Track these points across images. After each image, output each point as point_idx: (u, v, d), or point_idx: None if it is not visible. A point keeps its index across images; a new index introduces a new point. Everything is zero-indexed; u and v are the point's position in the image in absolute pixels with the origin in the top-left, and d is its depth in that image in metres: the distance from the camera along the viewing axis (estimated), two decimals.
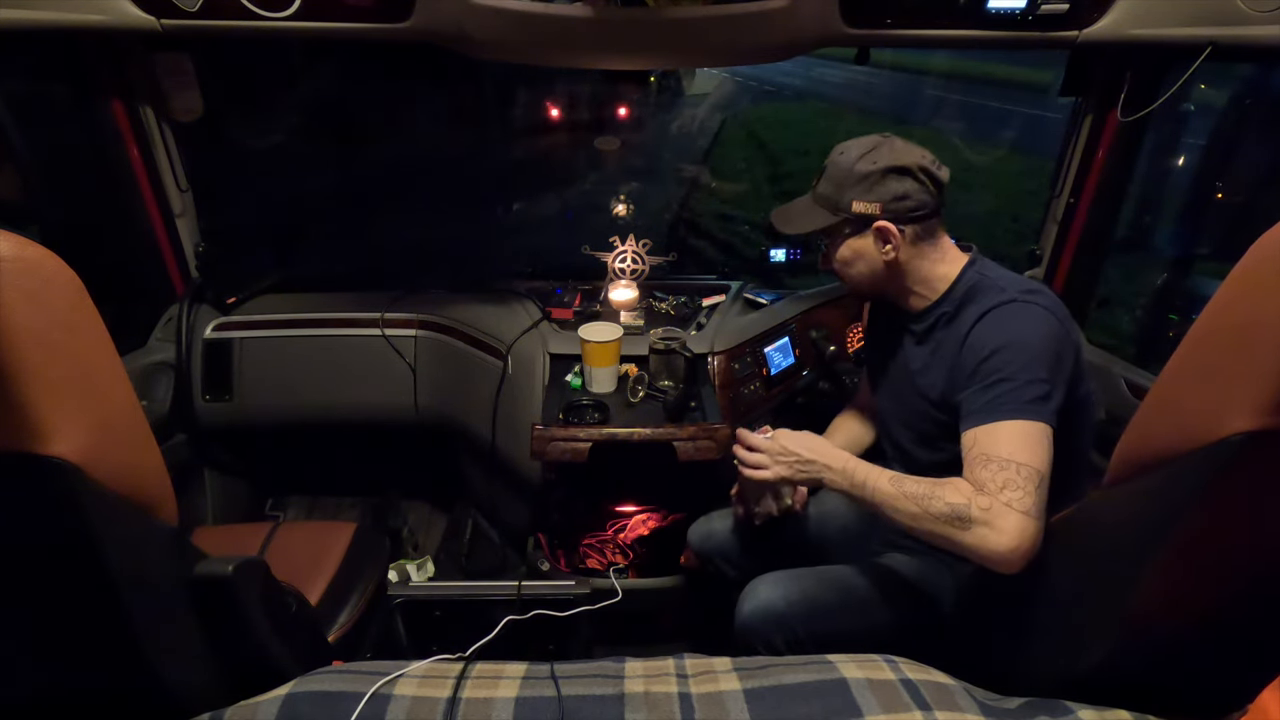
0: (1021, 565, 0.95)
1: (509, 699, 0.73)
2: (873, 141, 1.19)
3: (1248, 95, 1.89)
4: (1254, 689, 0.63)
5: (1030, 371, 1.03)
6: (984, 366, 1.07)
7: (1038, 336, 1.06)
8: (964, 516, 0.97)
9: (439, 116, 3.97)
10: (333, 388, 1.92)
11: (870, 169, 1.16)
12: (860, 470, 1.12)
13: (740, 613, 1.25)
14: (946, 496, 1.00)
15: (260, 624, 0.89)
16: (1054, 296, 1.14)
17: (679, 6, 1.32)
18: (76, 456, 0.62)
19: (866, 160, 1.16)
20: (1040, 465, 0.98)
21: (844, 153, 1.20)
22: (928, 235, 1.19)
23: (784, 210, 1.30)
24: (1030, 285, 1.15)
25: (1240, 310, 0.64)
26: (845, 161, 1.19)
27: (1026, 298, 1.11)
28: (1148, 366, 1.63)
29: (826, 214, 1.21)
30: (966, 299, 1.17)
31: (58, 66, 1.59)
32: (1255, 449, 0.62)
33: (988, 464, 0.99)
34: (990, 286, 1.15)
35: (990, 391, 1.05)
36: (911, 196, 1.15)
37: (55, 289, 0.61)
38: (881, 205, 1.16)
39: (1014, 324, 1.08)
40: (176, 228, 1.81)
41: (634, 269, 1.87)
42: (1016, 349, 1.05)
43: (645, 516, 1.75)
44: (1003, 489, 0.96)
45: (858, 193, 1.17)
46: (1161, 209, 2.41)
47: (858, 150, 1.19)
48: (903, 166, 1.15)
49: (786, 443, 1.19)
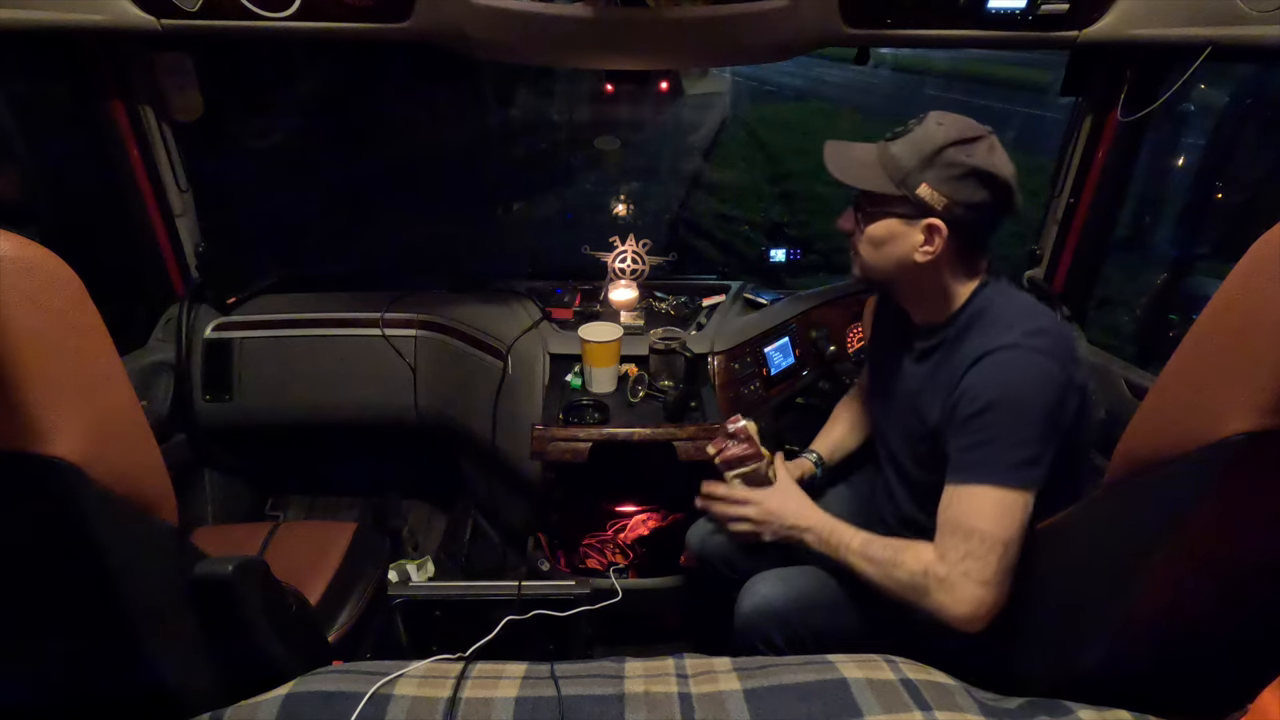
0: (982, 627, 0.99)
1: (509, 699, 0.73)
2: (975, 130, 1.05)
3: (1248, 95, 1.90)
4: (1254, 689, 0.63)
5: (1019, 433, 0.99)
6: (974, 422, 1.02)
7: (1034, 393, 0.99)
8: (922, 586, 1.03)
9: (439, 116, 3.97)
10: (333, 388, 1.92)
11: (959, 159, 1.02)
12: (835, 534, 1.16)
13: (740, 610, 1.25)
14: (908, 564, 1.05)
15: (260, 624, 0.89)
16: (1060, 332, 1.06)
17: (679, 6, 1.32)
18: (76, 456, 0.62)
19: (960, 149, 1.03)
20: (1008, 534, 0.98)
21: (941, 124, 1.05)
22: (970, 255, 1.10)
23: (843, 149, 1.14)
24: (1037, 322, 1.05)
25: (1241, 310, 0.64)
26: (936, 136, 1.04)
27: (1029, 341, 1.02)
28: (1148, 366, 1.62)
29: (887, 180, 1.07)
30: (970, 325, 1.10)
31: (58, 66, 1.59)
32: (1256, 449, 0.62)
33: (954, 532, 1.01)
34: (997, 319, 1.07)
35: (976, 452, 1.01)
36: (984, 211, 1.05)
37: (55, 289, 0.61)
38: (949, 203, 1.04)
39: (1011, 376, 1.01)
40: (176, 228, 1.81)
41: (634, 269, 1.87)
42: (1008, 408, 1.00)
43: (645, 516, 1.75)
44: (963, 559, 0.99)
45: (933, 177, 1.04)
46: (1161, 209, 2.41)
47: (955, 131, 1.04)
48: (993, 175, 1.02)
49: (771, 505, 1.23)
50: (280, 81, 2.87)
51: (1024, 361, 1.01)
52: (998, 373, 1.02)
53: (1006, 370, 1.01)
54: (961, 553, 0.99)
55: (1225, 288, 0.65)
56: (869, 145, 1.12)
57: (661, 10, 1.31)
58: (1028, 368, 1.00)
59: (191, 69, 1.69)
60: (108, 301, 0.69)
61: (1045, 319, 1.07)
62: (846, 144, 1.15)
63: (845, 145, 1.15)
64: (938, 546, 1.03)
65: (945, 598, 1.00)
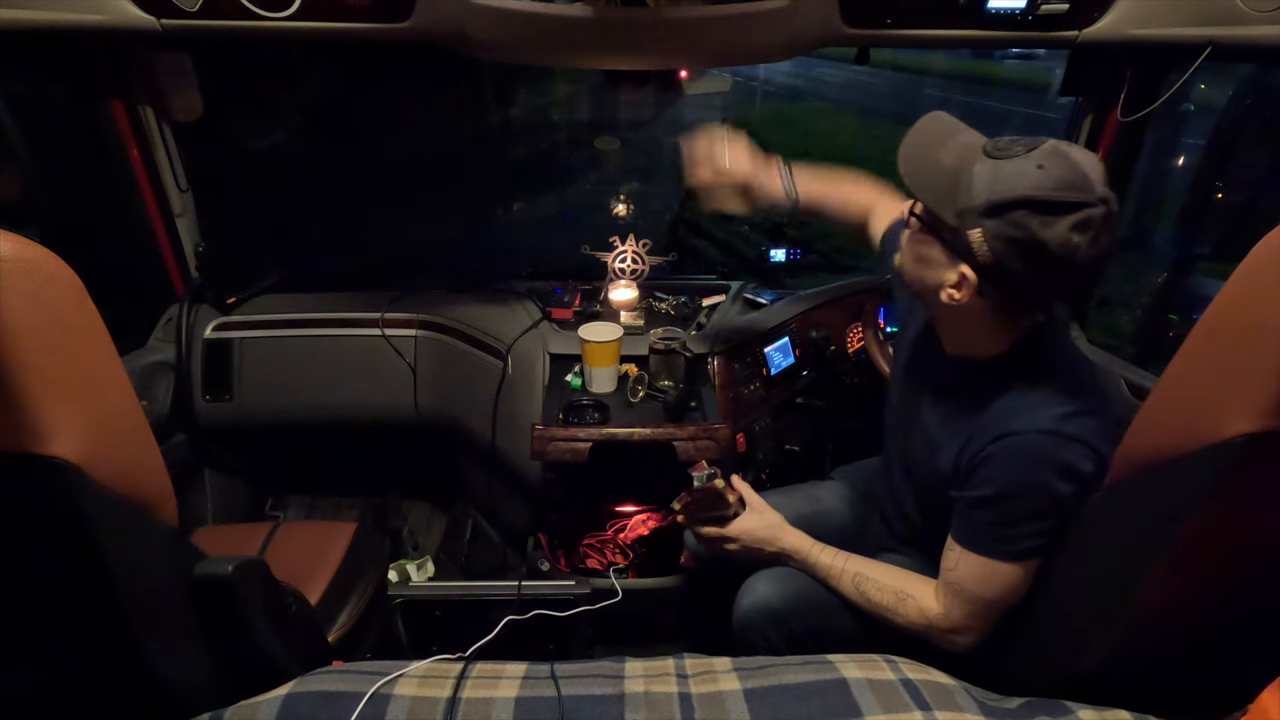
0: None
1: (509, 699, 0.73)
2: (1077, 194, 0.84)
3: (1248, 95, 1.89)
4: (1254, 689, 0.63)
5: (1034, 524, 0.94)
6: (986, 503, 0.97)
7: (1054, 487, 0.91)
8: (923, 632, 1.08)
9: (439, 116, 3.96)
10: (333, 388, 1.92)
11: (1030, 226, 0.85)
12: (822, 564, 1.19)
13: (738, 609, 1.25)
14: (910, 614, 1.08)
15: (260, 624, 0.89)
16: (1103, 413, 0.94)
17: (679, 6, 1.31)
18: (76, 456, 0.62)
19: (1038, 216, 0.84)
20: (1013, 599, 1.00)
21: (1042, 167, 0.85)
22: (1012, 312, 0.96)
23: (934, 143, 0.96)
24: (1080, 401, 0.93)
25: (1242, 311, 0.64)
26: (1020, 185, 0.85)
27: (1064, 427, 0.90)
28: (1148, 366, 1.62)
29: (950, 204, 0.91)
30: (1006, 383, 0.97)
31: (58, 66, 1.59)
32: (1257, 450, 0.62)
33: (958, 594, 1.03)
34: (1035, 385, 0.95)
35: (986, 527, 0.98)
36: (1032, 286, 0.91)
37: (55, 289, 0.61)
38: (993, 264, 0.89)
39: (1032, 470, 0.92)
40: (176, 228, 1.81)
41: (634, 269, 1.87)
42: (1026, 501, 0.93)
43: (645, 516, 1.75)
44: (966, 617, 1.03)
45: (992, 227, 0.87)
46: (1161, 209, 2.41)
47: (1050, 187, 0.84)
48: (1063, 261, 0.85)
49: (756, 533, 1.25)
50: (280, 81, 2.86)
51: (1049, 456, 0.91)
52: (1018, 463, 0.93)
53: (1029, 462, 0.92)
54: (965, 613, 1.03)
55: (1227, 289, 0.65)
56: (970, 143, 0.93)
57: (661, 10, 1.31)
58: (1052, 463, 0.91)
59: (191, 69, 1.69)
60: (108, 301, 0.69)
61: (1091, 397, 0.95)
62: (948, 134, 0.96)
63: (944, 135, 0.95)
64: (942, 602, 1.06)
65: (948, 643, 1.06)
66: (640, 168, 4.26)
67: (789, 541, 1.23)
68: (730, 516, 1.27)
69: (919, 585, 1.10)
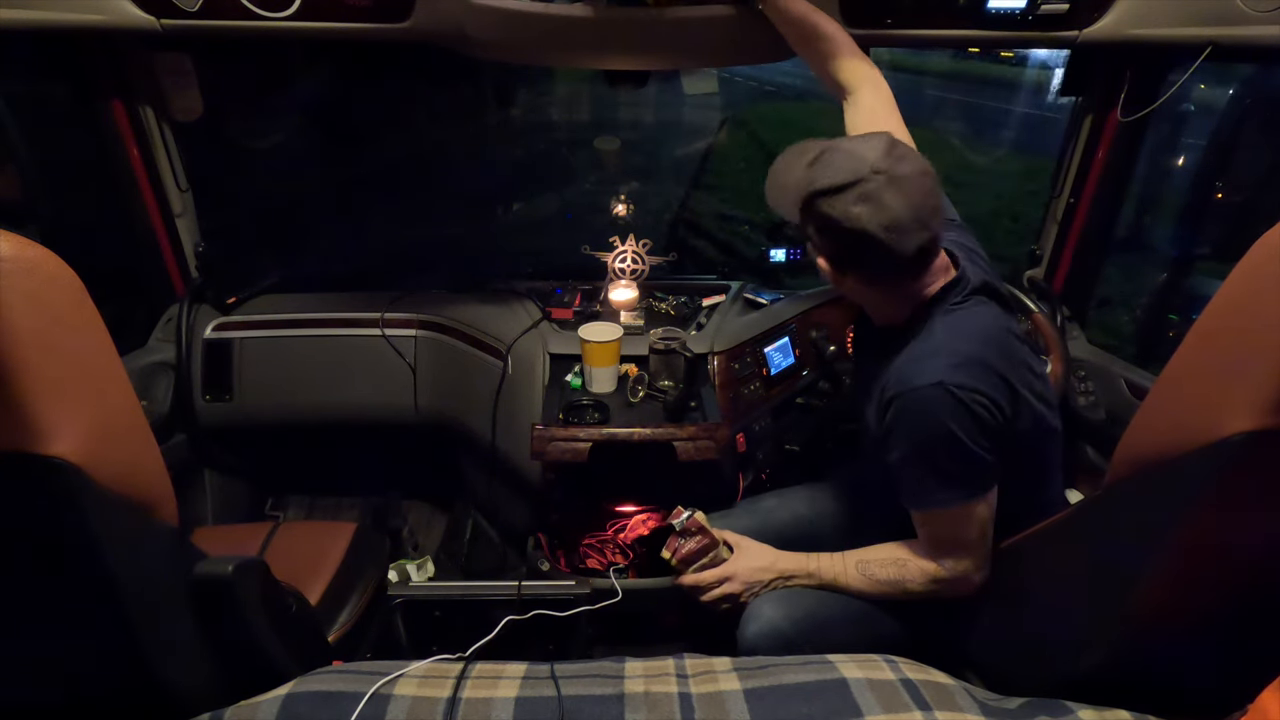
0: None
1: (509, 699, 0.73)
2: (848, 174, 1.00)
3: (1248, 95, 1.89)
4: (1254, 689, 0.63)
5: (962, 464, 1.02)
6: (907, 464, 1.07)
7: (958, 434, 1.00)
8: (934, 591, 1.14)
9: (439, 116, 3.96)
10: (333, 388, 1.92)
11: (822, 210, 1.03)
12: (825, 569, 1.22)
13: (744, 635, 1.23)
14: (916, 579, 1.15)
15: (260, 624, 0.89)
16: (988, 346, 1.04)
17: (679, 6, 1.32)
18: (76, 456, 0.62)
19: (825, 199, 1.02)
20: (984, 527, 1.08)
21: (812, 166, 1.05)
22: (882, 285, 1.10)
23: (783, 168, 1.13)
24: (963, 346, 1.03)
25: (1241, 311, 0.64)
26: (802, 183, 1.05)
27: (952, 376, 1.00)
28: (1148, 366, 1.63)
29: (793, 214, 1.10)
30: (901, 343, 1.09)
31: (58, 66, 1.59)
32: (1256, 449, 0.62)
33: (940, 545, 1.12)
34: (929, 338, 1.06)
35: (923, 483, 1.07)
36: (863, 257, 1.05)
37: (55, 289, 0.61)
38: (820, 245, 1.09)
39: (930, 423, 1.01)
40: (176, 228, 1.81)
41: (634, 269, 1.86)
42: (939, 452, 1.03)
43: (645, 516, 1.75)
44: (958, 560, 1.11)
45: (810, 224, 1.08)
46: (1161, 209, 2.41)
47: (826, 178, 1.02)
48: (854, 230, 1.00)
49: (744, 575, 1.26)
50: (280, 81, 2.86)
51: (942, 405, 1.00)
52: (916, 418, 1.04)
53: (925, 414, 1.02)
54: (955, 556, 1.11)
55: (1226, 288, 0.65)
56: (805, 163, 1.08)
57: (661, 10, 1.31)
58: (948, 410, 1.00)
59: (191, 69, 1.69)
60: (108, 301, 0.69)
61: (974, 339, 1.04)
62: (793, 159, 1.11)
63: (789, 162, 1.12)
64: (932, 557, 1.13)
65: (956, 590, 1.14)
66: (640, 168, 4.26)
67: (788, 564, 1.25)
68: (720, 555, 1.29)
69: (908, 547, 1.17)
